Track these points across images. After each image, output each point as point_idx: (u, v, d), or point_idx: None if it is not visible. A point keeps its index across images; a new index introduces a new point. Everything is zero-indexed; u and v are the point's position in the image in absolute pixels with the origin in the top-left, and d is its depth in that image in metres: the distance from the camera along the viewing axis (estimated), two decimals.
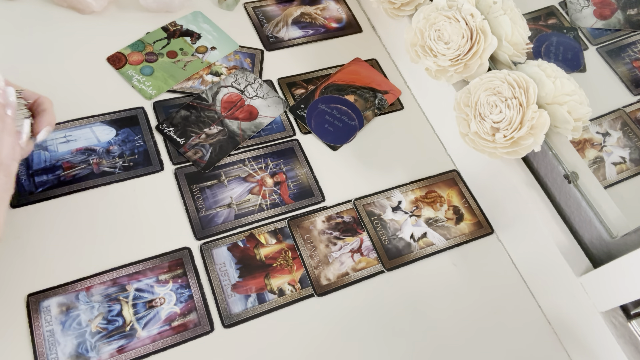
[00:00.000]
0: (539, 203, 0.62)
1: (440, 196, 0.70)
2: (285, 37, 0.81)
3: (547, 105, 0.58)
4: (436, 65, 0.65)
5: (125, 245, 0.58)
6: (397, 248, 0.64)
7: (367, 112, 0.74)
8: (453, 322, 0.61)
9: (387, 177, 0.70)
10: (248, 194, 0.65)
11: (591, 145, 0.66)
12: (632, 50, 0.75)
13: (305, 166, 0.68)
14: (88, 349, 0.52)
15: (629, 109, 0.69)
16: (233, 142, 0.68)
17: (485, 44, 0.61)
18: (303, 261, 0.61)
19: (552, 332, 0.63)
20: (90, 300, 0.54)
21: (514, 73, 0.57)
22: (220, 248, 0.60)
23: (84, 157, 0.63)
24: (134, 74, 0.70)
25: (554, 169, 0.62)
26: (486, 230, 0.68)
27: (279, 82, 0.75)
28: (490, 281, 0.65)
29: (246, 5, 0.83)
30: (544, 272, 0.62)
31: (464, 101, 0.61)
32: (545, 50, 0.73)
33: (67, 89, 0.67)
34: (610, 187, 0.63)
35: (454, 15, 0.62)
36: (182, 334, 0.54)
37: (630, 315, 0.56)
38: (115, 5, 0.77)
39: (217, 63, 0.74)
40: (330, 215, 0.65)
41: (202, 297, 0.57)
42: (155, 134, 0.66)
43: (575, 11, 0.78)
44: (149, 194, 0.62)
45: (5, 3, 0.73)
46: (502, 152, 0.58)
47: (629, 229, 0.56)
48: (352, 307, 0.60)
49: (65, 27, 0.73)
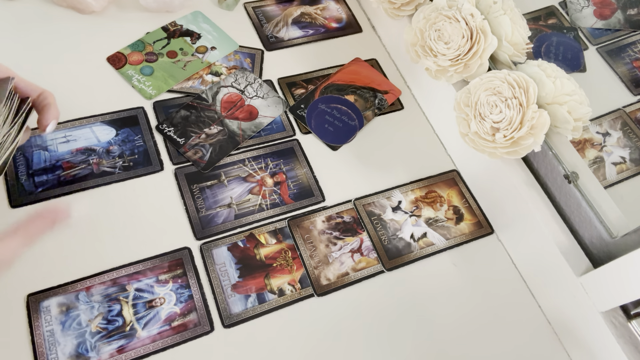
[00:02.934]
0: (539, 203, 0.62)
1: (440, 196, 0.70)
2: (285, 37, 0.81)
3: (547, 105, 0.58)
4: (436, 65, 0.65)
5: (125, 245, 0.58)
6: (397, 248, 0.64)
7: (367, 112, 0.74)
8: (453, 322, 0.61)
9: (387, 177, 0.70)
10: (248, 194, 0.65)
11: (591, 145, 0.66)
12: (632, 50, 0.75)
13: (305, 166, 0.68)
14: (88, 349, 0.52)
15: (629, 109, 0.69)
16: (233, 142, 0.68)
17: (485, 44, 0.61)
18: (303, 261, 0.61)
19: (552, 332, 0.63)
20: (90, 300, 0.54)
21: (514, 73, 0.57)
22: (220, 248, 0.60)
23: (84, 157, 0.63)
24: (134, 74, 0.70)
25: (554, 169, 0.62)
26: (486, 230, 0.68)
27: (279, 82, 0.75)
28: (490, 281, 0.65)
29: (246, 5, 0.83)
30: (544, 272, 0.62)
31: (464, 101, 0.61)
32: (545, 50, 0.73)
33: (67, 89, 0.67)
34: (610, 187, 0.63)
35: (454, 15, 0.62)
36: (182, 334, 0.54)
37: (630, 315, 0.56)
38: (115, 5, 0.77)
39: (217, 63, 0.74)
40: (330, 215, 0.65)
41: (202, 297, 0.57)
42: (155, 134, 0.66)
43: (575, 11, 0.78)
44: (149, 194, 0.62)
45: (5, 3, 0.73)
46: (502, 152, 0.58)
47: (629, 229, 0.56)
48: (352, 307, 0.60)
49: (65, 27, 0.73)
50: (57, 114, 0.54)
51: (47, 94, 0.54)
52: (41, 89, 0.54)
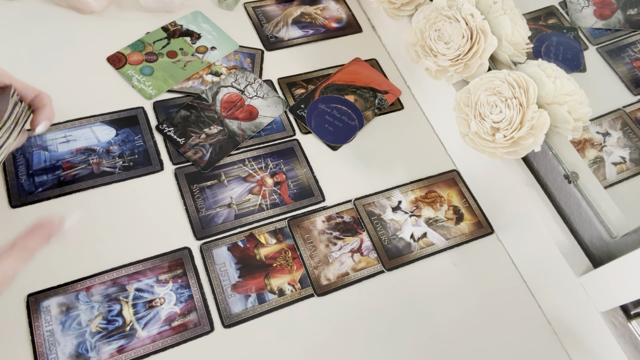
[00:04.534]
0: (539, 203, 0.62)
1: (440, 196, 0.70)
2: (285, 37, 0.81)
3: (547, 105, 0.58)
4: (436, 65, 0.65)
5: (125, 245, 0.58)
6: (397, 248, 0.64)
7: (367, 112, 0.74)
8: (453, 322, 0.61)
9: (387, 177, 0.70)
10: (248, 194, 0.65)
11: (591, 145, 0.66)
12: (632, 50, 0.75)
13: (305, 166, 0.68)
14: (88, 349, 0.52)
15: (629, 109, 0.69)
16: (233, 142, 0.68)
17: (485, 44, 0.61)
18: (303, 261, 0.61)
19: (552, 332, 0.63)
20: (90, 300, 0.54)
21: (514, 73, 0.57)
22: (220, 248, 0.60)
23: (84, 157, 0.63)
24: (134, 73, 0.70)
25: (554, 169, 0.62)
26: (486, 230, 0.68)
27: (279, 82, 0.75)
28: (490, 281, 0.65)
29: (246, 5, 0.83)
30: (544, 272, 0.62)
31: (464, 101, 0.61)
32: (545, 50, 0.73)
33: (67, 89, 0.67)
34: (610, 187, 0.63)
35: (454, 15, 0.62)
36: (182, 334, 0.54)
37: (630, 315, 0.56)
38: (115, 5, 0.77)
39: (217, 63, 0.74)
40: (330, 215, 0.65)
41: (202, 297, 0.57)
42: (155, 134, 0.66)
43: (575, 11, 0.78)
44: (149, 194, 0.62)
45: (5, 3, 0.73)
46: (502, 152, 0.58)
47: (629, 229, 0.56)
48: (352, 307, 0.60)
49: (65, 27, 0.73)
50: (52, 115, 0.54)
51: (43, 95, 0.54)
52: (38, 91, 0.54)
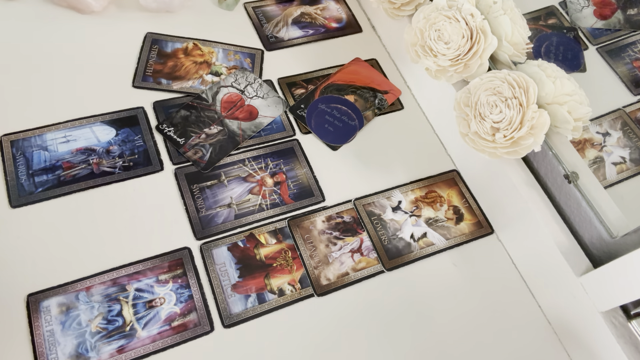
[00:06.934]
0: (539, 203, 0.62)
1: (440, 196, 0.70)
2: (285, 37, 0.81)
3: (547, 105, 0.58)
4: (436, 65, 0.65)
5: (125, 245, 0.58)
6: (397, 248, 0.64)
7: (367, 112, 0.74)
8: (453, 322, 0.61)
9: (387, 177, 0.70)
10: (248, 194, 0.65)
11: (591, 145, 0.66)
12: (632, 50, 0.75)
13: (305, 166, 0.68)
14: (88, 349, 0.52)
15: (629, 109, 0.69)
16: (233, 142, 0.68)
17: (485, 44, 0.61)
18: (303, 261, 0.61)
19: (552, 332, 0.63)
20: (90, 300, 0.54)
21: (514, 73, 0.57)
22: (220, 248, 0.60)
23: (84, 157, 0.63)
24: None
25: (554, 169, 0.62)
26: (486, 230, 0.68)
27: (279, 82, 0.75)
28: (490, 281, 0.65)
29: (246, 5, 0.83)
30: (544, 272, 0.62)
31: (464, 101, 0.61)
32: (545, 50, 0.73)
33: (67, 89, 0.67)
34: (610, 187, 0.63)
35: (454, 15, 0.62)
36: (182, 334, 0.54)
37: (630, 315, 0.56)
38: (115, 5, 0.77)
39: (217, 63, 0.74)
40: (330, 215, 0.65)
41: (202, 297, 0.57)
42: (155, 134, 0.66)
43: (575, 11, 0.78)
44: (149, 194, 0.62)
45: (5, 3, 0.73)
46: (502, 152, 0.58)
47: (629, 229, 0.56)
48: (352, 307, 0.60)
49: (65, 27, 0.73)
50: None
51: None
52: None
